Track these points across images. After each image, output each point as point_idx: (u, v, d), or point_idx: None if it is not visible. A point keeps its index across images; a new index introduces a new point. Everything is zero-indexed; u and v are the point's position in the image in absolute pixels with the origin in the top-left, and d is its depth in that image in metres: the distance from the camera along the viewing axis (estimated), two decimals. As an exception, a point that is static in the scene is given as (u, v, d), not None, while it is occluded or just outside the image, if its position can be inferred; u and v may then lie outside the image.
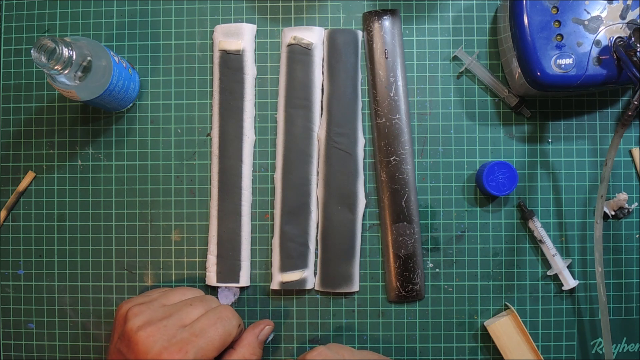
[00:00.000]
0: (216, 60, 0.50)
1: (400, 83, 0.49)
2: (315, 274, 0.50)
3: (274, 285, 0.49)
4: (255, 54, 0.51)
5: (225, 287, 0.49)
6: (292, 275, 0.48)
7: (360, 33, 0.50)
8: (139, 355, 0.38)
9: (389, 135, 0.49)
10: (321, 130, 0.49)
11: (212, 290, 0.50)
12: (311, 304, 0.50)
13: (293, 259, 0.49)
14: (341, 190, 0.49)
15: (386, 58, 0.49)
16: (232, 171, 0.49)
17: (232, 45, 0.49)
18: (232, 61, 0.49)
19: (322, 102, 0.50)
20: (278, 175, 0.49)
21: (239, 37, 0.50)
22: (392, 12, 0.50)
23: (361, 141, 0.50)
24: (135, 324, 0.39)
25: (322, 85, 0.50)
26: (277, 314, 0.50)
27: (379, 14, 0.50)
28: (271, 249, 0.50)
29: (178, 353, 0.38)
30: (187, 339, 0.39)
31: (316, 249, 0.50)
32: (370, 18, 0.50)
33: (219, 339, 0.40)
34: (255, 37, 0.51)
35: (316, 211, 0.50)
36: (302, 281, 0.49)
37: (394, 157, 0.49)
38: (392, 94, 0.49)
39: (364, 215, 0.50)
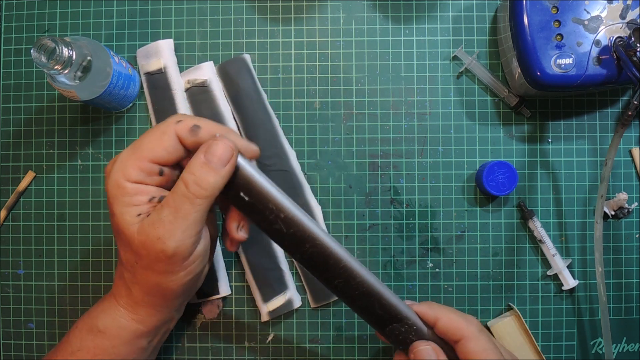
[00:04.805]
0: (145, 84, 0.50)
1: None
2: (306, 291, 0.50)
3: (264, 318, 0.49)
4: (178, 67, 0.50)
5: (207, 300, 0.49)
6: (277, 302, 0.48)
7: (248, 57, 0.50)
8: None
9: (312, 265, 0.38)
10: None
11: (196, 306, 0.50)
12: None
13: (271, 286, 0.48)
14: None
15: None
16: None
17: (152, 65, 0.50)
18: (157, 81, 0.50)
19: (239, 131, 0.50)
20: None
21: (158, 55, 0.50)
22: None
23: (292, 154, 0.50)
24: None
25: (233, 115, 0.50)
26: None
27: None
28: (247, 285, 0.50)
29: (109, 167, 0.36)
30: (121, 154, 0.36)
31: (291, 269, 0.50)
32: None
33: (146, 140, 0.36)
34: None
35: None
36: (288, 303, 0.48)
37: (336, 281, 0.38)
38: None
39: (363, 216, 0.50)
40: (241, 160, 0.36)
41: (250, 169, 0.36)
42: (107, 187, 0.36)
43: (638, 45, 0.41)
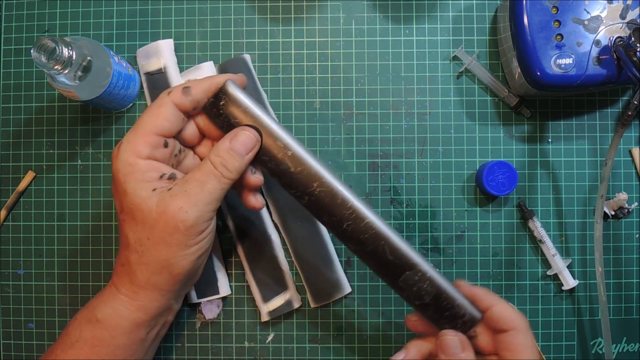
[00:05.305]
0: (145, 84, 0.50)
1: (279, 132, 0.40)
2: (306, 291, 0.49)
3: (264, 318, 0.49)
4: (178, 67, 0.50)
5: (207, 300, 0.49)
6: (276, 302, 0.48)
7: (248, 57, 0.50)
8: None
9: (320, 207, 0.39)
10: None
11: (196, 306, 0.50)
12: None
13: (270, 285, 0.49)
14: (293, 207, 0.49)
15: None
16: None
17: (152, 65, 0.49)
18: (157, 81, 0.49)
19: None
20: (227, 217, 0.50)
21: (158, 55, 0.49)
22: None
23: None
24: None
25: None
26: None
27: None
28: (247, 285, 0.50)
29: (116, 150, 0.38)
30: (125, 136, 0.38)
31: (291, 269, 0.50)
32: None
33: (147, 117, 0.38)
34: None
35: (276, 234, 0.49)
36: (288, 303, 0.48)
37: (345, 224, 0.39)
38: (287, 153, 0.39)
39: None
40: (248, 102, 0.39)
41: (257, 110, 0.39)
42: (116, 168, 0.38)
43: (638, 45, 0.41)
